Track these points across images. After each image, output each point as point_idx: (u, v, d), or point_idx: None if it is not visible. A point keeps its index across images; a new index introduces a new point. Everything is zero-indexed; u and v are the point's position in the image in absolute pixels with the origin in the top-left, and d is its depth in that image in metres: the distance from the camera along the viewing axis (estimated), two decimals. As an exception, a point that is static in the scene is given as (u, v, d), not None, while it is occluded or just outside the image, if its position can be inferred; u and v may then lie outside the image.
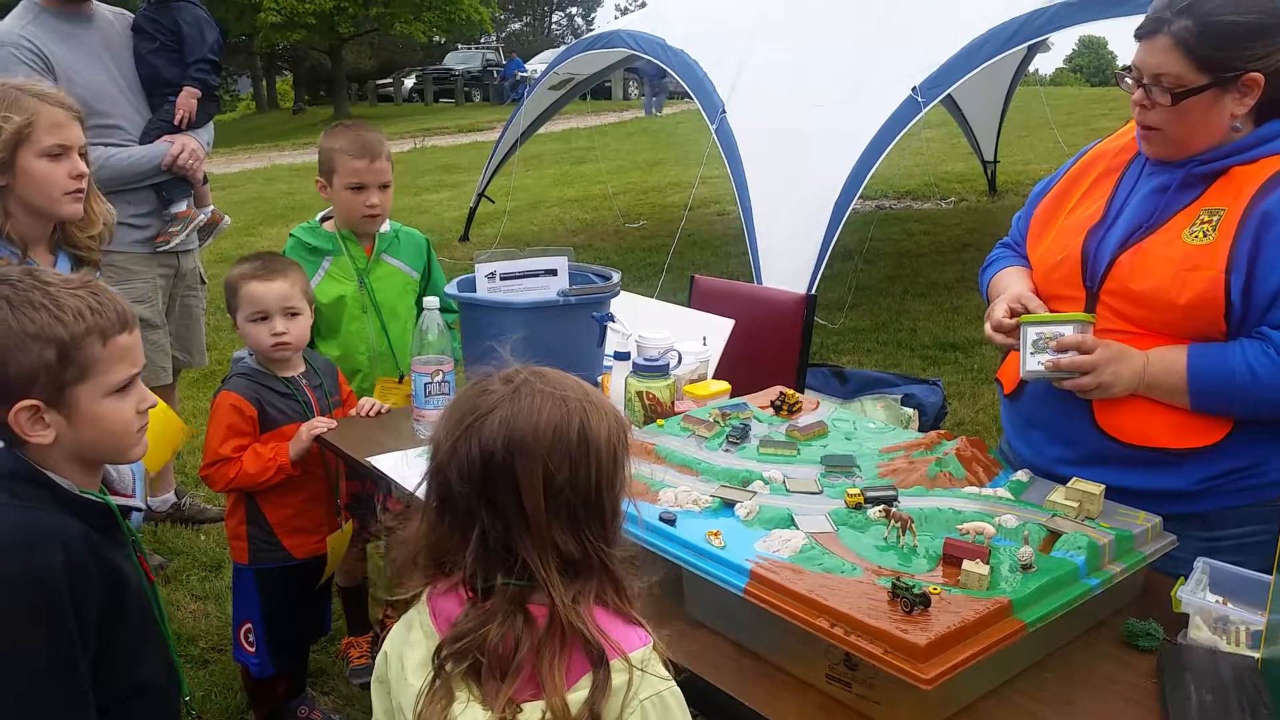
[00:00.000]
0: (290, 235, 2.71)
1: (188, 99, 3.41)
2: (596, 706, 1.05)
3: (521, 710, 1.06)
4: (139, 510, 1.49)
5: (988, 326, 1.85)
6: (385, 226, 2.73)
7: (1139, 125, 1.75)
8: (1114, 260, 1.73)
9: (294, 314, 2.32)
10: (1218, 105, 1.64)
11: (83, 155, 2.02)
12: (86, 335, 1.32)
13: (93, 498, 1.38)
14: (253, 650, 2.42)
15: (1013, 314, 1.80)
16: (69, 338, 1.30)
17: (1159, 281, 1.67)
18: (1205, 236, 1.65)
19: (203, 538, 3.72)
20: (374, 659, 2.92)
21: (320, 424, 2.32)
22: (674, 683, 1.12)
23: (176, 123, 3.39)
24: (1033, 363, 1.72)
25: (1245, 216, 1.61)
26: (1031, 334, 1.73)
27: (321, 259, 2.65)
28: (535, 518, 1.08)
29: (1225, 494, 1.69)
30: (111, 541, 1.40)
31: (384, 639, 1.27)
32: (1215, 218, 1.65)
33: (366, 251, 2.68)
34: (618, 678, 1.07)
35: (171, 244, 3.44)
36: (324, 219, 2.71)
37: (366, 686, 2.75)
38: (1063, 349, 1.68)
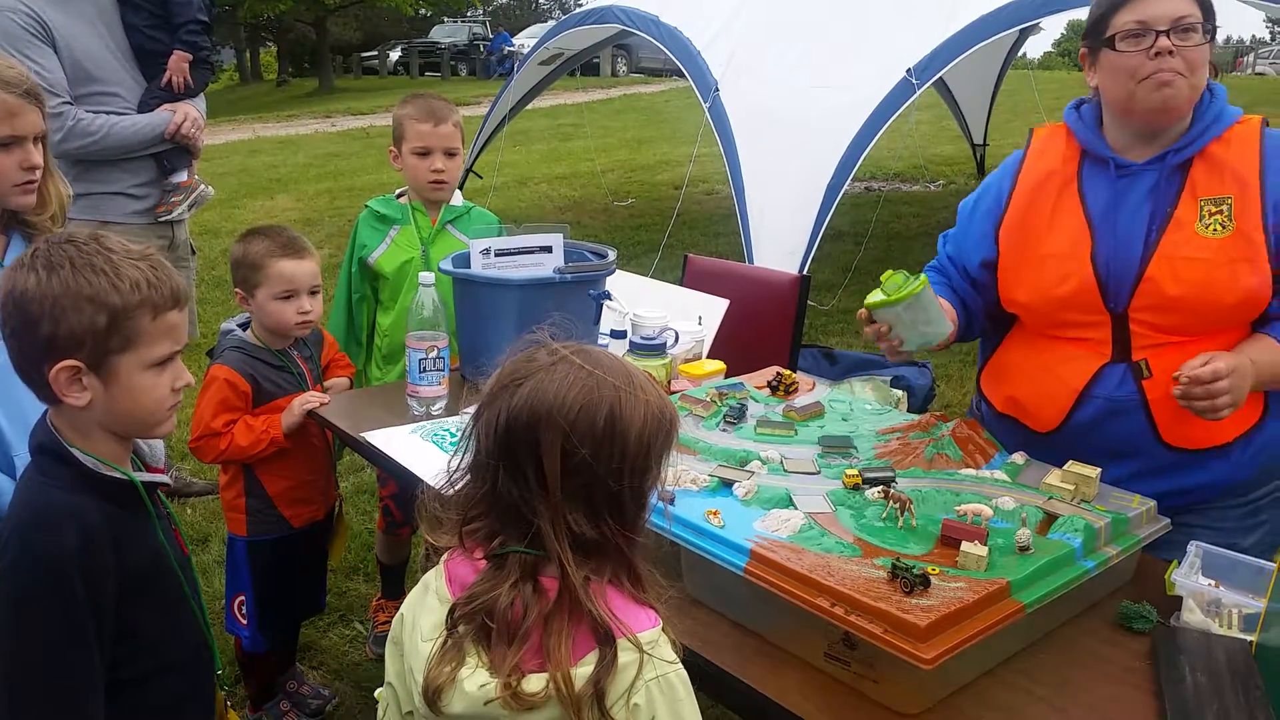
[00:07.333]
0: (365, 206, 2.77)
1: (179, 62, 3.37)
2: (602, 683, 1.05)
3: (526, 679, 1.07)
4: (166, 485, 1.47)
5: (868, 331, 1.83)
6: (457, 199, 2.79)
7: (1159, 80, 1.65)
8: (1142, 274, 1.71)
9: (317, 292, 2.37)
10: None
11: (40, 140, 1.83)
12: (139, 307, 1.32)
13: (117, 474, 1.37)
14: (245, 623, 2.42)
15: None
16: (122, 306, 1.31)
17: (1196, 283, 1.67)
18: (1223, 228, 1.66)
19: (190, 511, 3.70)
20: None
21: (313, 399, 2.31)
22: (680, 665, 1.12)
23: (167, 84, 3.35)
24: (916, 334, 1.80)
25: (1264, 203, 1.64)
26: (905, 316, 1.80)
27: (389, 228, 2.70)
28: (552, 491, 1.09)
29: (1262, 457, 1.77)
30: (139, 517, 1.39)
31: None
32: (1223, 207, 1.66)
33: (433, 223, 2.72)
34: (625, 656, 1.07)
35: (174, 214, 3.42)
36: (400, 194, 2.78)
37: (380, 659, 2.77)
38: (1197, 382, 1.63)
